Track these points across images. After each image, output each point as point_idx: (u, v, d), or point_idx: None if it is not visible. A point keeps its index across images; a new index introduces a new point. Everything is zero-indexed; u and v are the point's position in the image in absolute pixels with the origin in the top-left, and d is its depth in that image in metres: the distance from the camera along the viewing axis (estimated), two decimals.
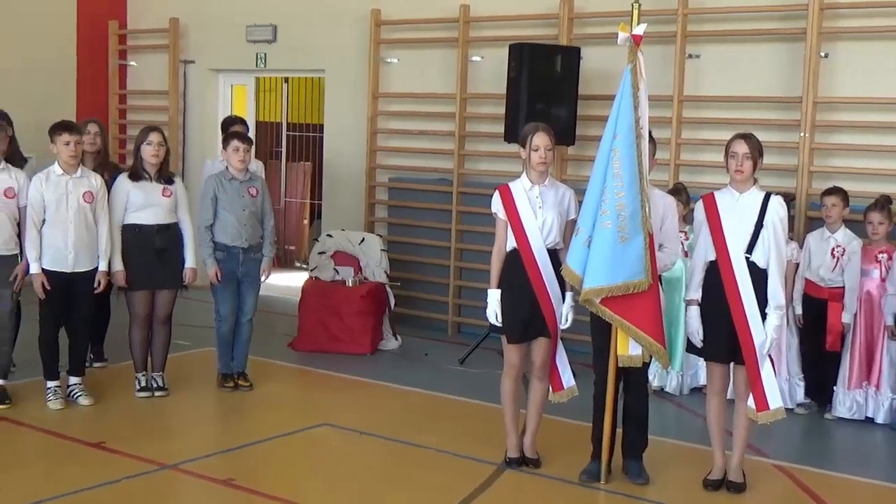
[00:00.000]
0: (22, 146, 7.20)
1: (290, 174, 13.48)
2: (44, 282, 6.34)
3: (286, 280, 11.03)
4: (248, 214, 6.90)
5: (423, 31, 9.70)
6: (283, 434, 6.27)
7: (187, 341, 8.12)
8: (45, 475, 5.45)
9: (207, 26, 11.16)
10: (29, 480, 5.34)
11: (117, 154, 10.89)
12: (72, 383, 6.63)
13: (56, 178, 6.40)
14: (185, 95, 11.39)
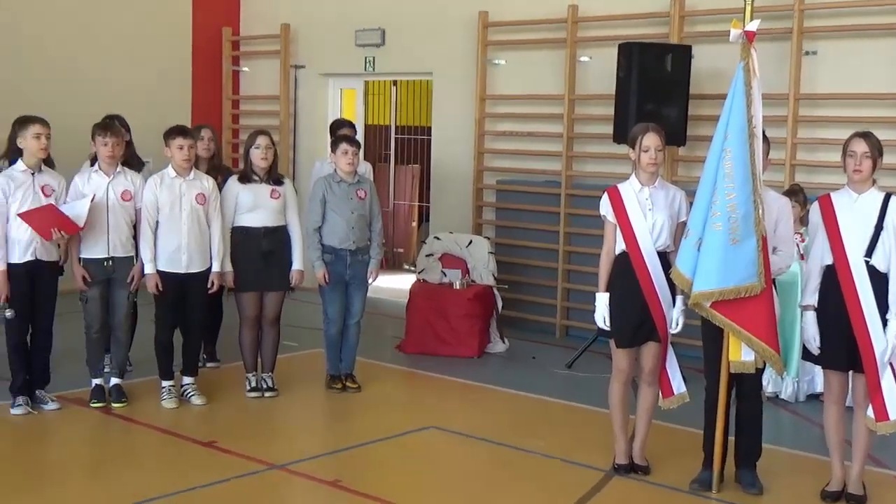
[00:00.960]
0: (140, 150, 7.38)
1: (398, 177, 13.57)
2: (158, 283, 6.49)
3: (394, 282, 11.09)
4: (356, 217, 6.94)
5: (530, 33, 9.64)
6: (390, 436, 6.29)
7: (296, 342, 8.22)
8: (159, 472, 5.57)
9: (317, 31, 11.30)
10: (144, 477, 5.46)
11: (230, 158, 11.10)
12: (185, 383, 6.76)
13: (170, 180, 6.54)
14: (296, 100, 11.55)
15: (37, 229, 6.22)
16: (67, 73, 10.55)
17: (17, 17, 10.30)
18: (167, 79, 11.47)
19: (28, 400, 6.40)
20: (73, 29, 10.69)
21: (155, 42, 11.38)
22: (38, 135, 6.28)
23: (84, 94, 10.31)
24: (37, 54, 10.37)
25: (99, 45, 10.89)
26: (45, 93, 9.80)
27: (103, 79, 10.75)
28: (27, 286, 6.30)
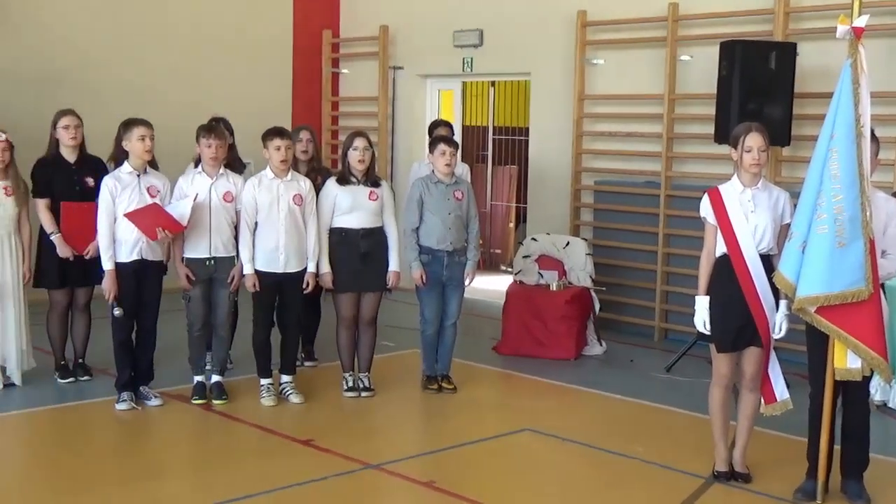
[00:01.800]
0: (242, 152, 7.50)
1: (495, 178, 13.55)
2: (256, 282, 6.58)
3: (491, 283, 11.06)
4: (453, 218, 6.94)
5: (630, 32, 9.52)
6: (486, 438, 6.27)
7: (393, 343, 8.26)
8: (257, 469, 5.64)
9: (416, 33, 11.35)
10: (243, 473, 5.54)
11: (330, 159, 11.23)
12: (283, 381, 6.85)
13: (268, 181, 6.63)
14: (394, 101, 11.61)
15: (142, 229, 6.37)
16: (172, 77, 10.79)
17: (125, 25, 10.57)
18: (269, 81, 11.66)
19: (132, 396, 6.55)
20: (178, 33, 10.94)
21: (257, 45, 11.57)
22: (142, 137, 6.43)
23: (188, 96, 10.54)
24: (144, 59, 10.63)
25: (203, 48, 11.12)
26: (151, 95, 10.03)
27: (207, 82, 10.98)
28: (133, 285, 6.46)
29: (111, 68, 10.35)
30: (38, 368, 7.09)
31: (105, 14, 10.41)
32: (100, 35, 10.35)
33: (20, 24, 9.83)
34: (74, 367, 7.17)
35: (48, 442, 6.17)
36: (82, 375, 7.14)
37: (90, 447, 6.07)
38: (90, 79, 10.07)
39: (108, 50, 10.39)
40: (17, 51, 9.75)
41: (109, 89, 10.04)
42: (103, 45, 10.36)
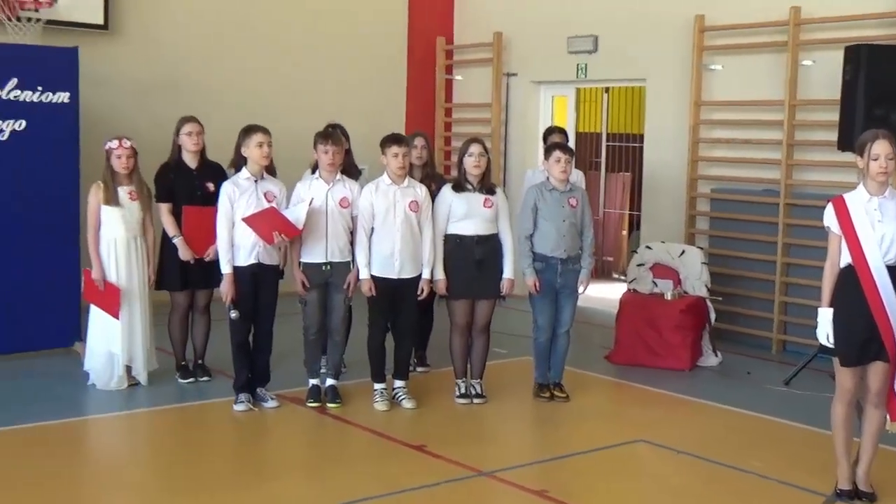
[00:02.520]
0: (357, 158, 7.58)
1: (609, 185, 13.43)
2: (371, 287, 6.64)
3: (603, 291, 10.96)
4: (567, 225, 6.89)
5: (749, 36, 9.33)
6: (598, 448, 6.20)
7: (505, 350, 8.24)
8: (370, 473, 5.68)
9: (529, 39, 11.32)
10: (356, 477, 5.59)
11: (442, 166, 11.28)
12: (396, 386, 6.89)
13: (385, 187, 6.68)
14: (507, 107, 11.61)
15: (259, 233, 6.49)
16: (289, 84, 10.99)
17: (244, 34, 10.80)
18: (383, 88, 11.79)
19: (250, 397, 6.68)
20: (297, 42, 11.13)
21: (373, 53, 11.71)
22: (260, 143, 6.56)
23: (305, 103, 10.71)
24: (262, 67, 10.85)
25: (320, 56, 11.30)
26: (269, 103, 10.23)
27: (324, 89, 11.15)
28: (251, 288, 6.58)
29: (230, 76, 10.59)
30: (160, 369, 7.28)
31: (224, 23, 10.65)
32: (219, 44, 10.60)
33: (142, 34, 10.12)
34: (194, 367, 7.34)
35: (170, 440, 6.33)
36: (202, 376, 7.31)
37: (209, 446, 6.21)
38: (210, 87, 10.32)
39: (227, 58, 10.63)
40: (138, 60, 10.05)
41: (228, 97, 10.28)
42: (223, 53, 10.61)
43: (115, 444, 6.38)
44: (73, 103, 7.77)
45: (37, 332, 7.73)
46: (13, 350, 7.70)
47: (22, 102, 7.54)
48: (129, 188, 6.98)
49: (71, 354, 7.77)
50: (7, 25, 8.73)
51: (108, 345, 6.98)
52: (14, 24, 8.73)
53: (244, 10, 10.79)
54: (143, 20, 10.13)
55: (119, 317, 6.91)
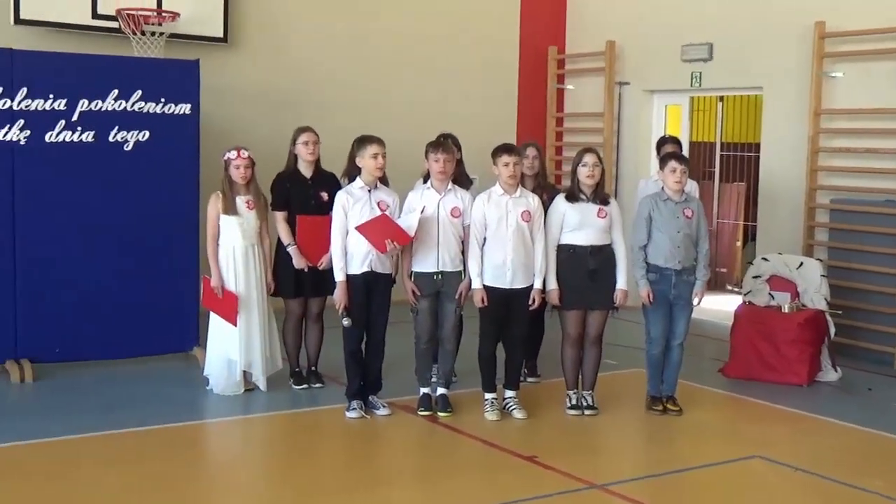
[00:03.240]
0: (468, 168, 7.59)
1: (723, 195, 13.19)
2: (483, 297, 6.65)
3: (717, 303, 10.76)
4: (682, 236, 6.79)
5: (871, 43, 9.06)
6: (712, 464, 6.08)
7: (616, 361, 8.15)
8: (481, 483, 5.68)
9: (643, 48, 11.21)
10: (466, 486, 5.59)
11: (554, 175, 11.24)
12: (507, 396, 6.87)
13: (497, 197, 6.68)
14: (620, 117, 11.51)
15: (372, 241, 6.55)
16: (401, 95, 11.09)
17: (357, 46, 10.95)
18: (495, 97, 11.81)
19: (362, 404, 6.74)
20: (409, 53, 11.23)
21: (484, 62, 11.73)
22: (375, 154, 6.63)
23: (417, 113, 10.80)
24: (374, 78, 10.98)
25: (431, 65, 11.38)
26: (381, 113, 10.34)
27: (435, 99, 11.23)
28: (363, 297, 6.65)
29: (344, 86, 10.74)
30: (274, 374, 7.40)
31: (339, 34, 10.81)
32: (334, 55, 10.76)
33: (259, 46, 10.35)
34: (308, 374, 7.45)
35: (284, 445, 6.44)
36: (315, 383, 7.41)
37: (322, 452, 6.29)
38: (324, 97, 10.49)
39: (341, 69, 10.79)
40: (256, 72, 10.27)
41: (342, 106, 10.42)
42: (337, 64, 10.77)
43: (231, 447, 6.52)
44: (193, 114, 7.97)
45: (157, 338, 7.95)
46: (135, 354, 7.94)
47: (146, 114, 7.77)
48: (246, 197, 7.12)
49: (189, 359, 7.96)
50: (132, 39, 9.02)
51: (227, 351, 7.13)
52: (139, 39, 9.02)
53: (358, 21, 10.94)
54: (260, 33, 10.36)
55: (237, 323, 7.06)
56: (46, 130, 7.45)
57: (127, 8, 9.03)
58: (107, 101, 7.62)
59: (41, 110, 7.42)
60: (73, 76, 7.57)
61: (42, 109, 7.42)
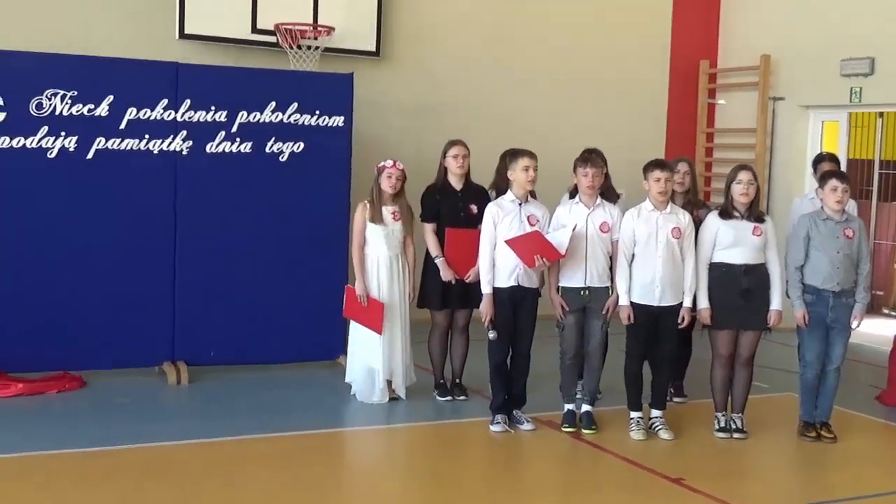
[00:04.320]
0: (614, 182, 7.52)
1: (880, 215, 12.68)
2: (630, 314, 6.56)
3: (873, 327, 10.34)
4: (841, 257, 6.56)
5: None
6: (868, 495, 5.82)
7: (767, 384, 7.92)
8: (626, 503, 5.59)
9: (798, 62, 10.91)
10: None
11: (703, 192, 11.01)
12: (653, 416, 6.76)
13: (647, 213, 6.60)
14: (773, 133, 11.21)
15: (521, 256, 6.55)
16: (550, 107, 11.07)
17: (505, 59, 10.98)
18: (643, 111, 11.68)
19: (506, 419, 6.72)
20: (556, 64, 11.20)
21: (634, 76, 11.62)
22: (526, 167, 6.62)
23: (563, 127, 10.76)
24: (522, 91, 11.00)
25: (580, 78, 11.33)
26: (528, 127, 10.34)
27: (583, 112, 11.17)
28: (509, 310, 6.65)
29: (493, 100, 10.80)
30: (417, 385, 7.47)
31: (489, 48, 10.88)
32: (483, 68, 10.83)
33: (411, 60, 10.50)
34: (452, 386, 7.48)
35: (426, 456, 6.47)
36: (459, 395, 7.44)
37: (464, 465, 6.31)
38: (473, 110, 10.56)
39: (490, 82, 10.85)
40: (407, 85, 10.42)
41: (488, 120, 10.46)
42: (486, 78, 10.84)
43: (377, 456, 6.59)
44: (346, 127, 8.14)
45: (306, 344, 8.15)
46: (284, 360, 8.14)
47: (301, 126, 7.97)
48: (393, 208, 7.21)
49: (336, 367, 8.10)
50: (289, 53, 9.28)
51: (369, 360, 7.23)
52: (295, 52, 9.27)
53: (508, 35, 10.98)
54: (412, 47, 10.50)
55: (381, 332, 7.15)
56: (207, 141, 7.74)
57: (285, 23, 9.31)
58: (265, 114, 7.87)
59: (203, 122, 7.71)
60: (234, 89, 7.84)
61: (204, 121, 7.71)
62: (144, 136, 7.57)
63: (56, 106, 7.33)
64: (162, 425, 6.60)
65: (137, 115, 7.54)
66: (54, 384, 7.29)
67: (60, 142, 7.37)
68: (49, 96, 7.31)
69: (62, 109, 7.35)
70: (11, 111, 7.22)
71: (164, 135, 7.62)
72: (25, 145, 7.29)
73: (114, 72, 7.57)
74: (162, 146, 7.63)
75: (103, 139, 7.47)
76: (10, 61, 7.27)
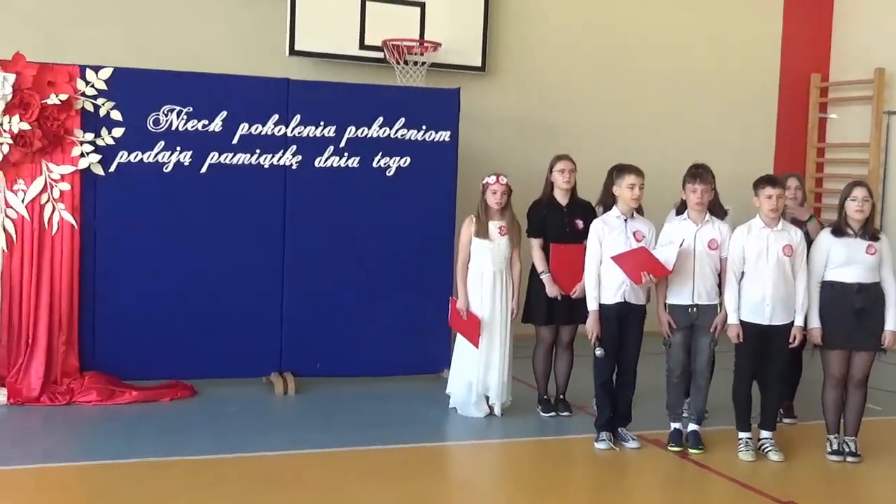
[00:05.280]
0: (722, 197, 7.40)
1: None
2: (739, 332, 6.46)
3: None
4: None
5: None
6: None
7: (881, 406, 7.71)
8: None
9: None
10: None
11: (812, 208, 10.77)
12: (763, 437, 6.62)
13: (757, 230, 6.49)
14: (888, 148, 10.92)
15: (628, 272, 6.50)
16: (657, 121, 10.98)
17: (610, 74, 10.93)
18: (750, 125, 11.49)
19: (611, 436, 6.67)
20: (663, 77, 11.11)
21: (742, 90, 11.45)
22: (632, 184, 6.58)
23: (670, 142, 10.66)
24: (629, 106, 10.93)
25: (687, 91, 11.21)
26: (634, 141, 10.27)
27: (689, 126, 11.05)
28: (615, 327, 6.60)
29: (599, 114, 10.76)
30: (521, 400, 7.46)
31: (595, 62, 10.85)
32: (589, 82, 10.80)
33: (516, 75, 10.52)
34: (556, 402, 7.45)
35: (529, 472, 6.43)
36: (563, 411, 7.40)
37: (568, 482, 6.27)
38: (579, 124, 10.54)
39: (596, 96, 10.81)
40: (512, 100, 10.46)
41: (594, 135, 10.43)
42: (592, 92, 10.80)
43: (481, 471, 6.58)
44: (452, 141, 8.20)
45: (411, 357, 8.21)
46: (389, 373, 8.22)
47: (408, 141, 8.06)
48: (499, 223, 7.23)
49: (440, 381, 8.12)
50: (396, 69, 9.39)
51: (467, 373, 7.25)
52: (402, 68, 9.37)
53: (614, 49, 10.92)
54: (517, 62, 10.52)
55: (478, 346, 7.16)
56: (316, 156, 7.87)
57: (392, 39, 9.42)
58: (372, 128, 7.97)
59: (312, 137, 7.85)
60: (343, 104, 7.96)
61: (313, 136, 7.85)
62: (256, 151, 7.74)
63: (172, 121, 7.55)
64: (271, 435, 6.72)
65: (249, 130, 7.71)
66: (167, 392, 7.49)
67: (176, 156, 7.58)
68: (166, 112, 7.54)
69: (178, 125, 7.56)
70: (130, 126, 7.45)
71: (275, 149, 7.78)
72: (143, 160, 7.51)
73: (227, 88, 7.76)
74: (272, 160, 7.78)
75: (216, 154, 7.66)
76: (130, 78, 7.49)
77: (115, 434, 6.56)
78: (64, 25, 9.10)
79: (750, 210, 6.61)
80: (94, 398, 7.23)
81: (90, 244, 7.46)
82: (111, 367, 7.50)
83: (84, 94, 7.32)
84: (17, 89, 7.14)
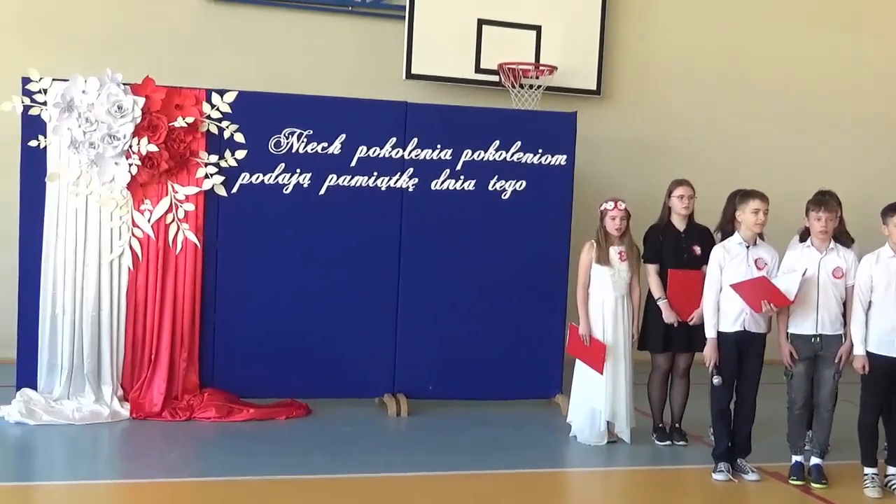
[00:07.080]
0: (848, 226, 7.20)
1: None
2: (865, 364, 6.26)
3: None
4: None
5: None
6: None
7: None
8: None
9: None
10: None
11: None
12: (889, 473, 6.39)
13: (886, 259, 6.28)
14: None
15: (748, 301, 6.37)
16: (778, 146, 10.77)
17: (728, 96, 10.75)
18: (878, 152, 11.15)
19: (729, 467, 6.52)
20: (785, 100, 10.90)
21: (869, 114, 11.13)
22: (756, 210, 6.45)
23: (790, 166, 10.43)
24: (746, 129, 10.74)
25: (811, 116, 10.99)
26: (757, 165, 10.08)
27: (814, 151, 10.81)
28: (734, 355, 6.47)
29: (718, 138, 10.62)
30: (636, 428, 7.32)
31: (714, 85, 10.71)
32: (708, 106, 10.66)
33: (632, 98, 10.46)
34: (671, 430, 7.32)
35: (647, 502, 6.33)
36: (678, 440, 7.27)
37: None
38: (698, 148, 10.42)
39: (715, 120, 10.67)
40: (628, 124, 10.38)
41: (713, 160, 10.29)
42: (711, 115, 10.66)
43: (593, 499, 6.51)
44: (568, 165, 8.15)
45: (523, 382, 8.15)
46: (501, 397, 8.18)
47: (524, 164, 8.05)
48: (619, 248, 7.15)
49: (552, 406, 8.09)
50: (511, 92, 9.40)
51: (591, 400, 7.17)
52: (517, 91, 9.38)
53: (734, 71, 10.76)
54: (633, 85, 10.45)
55: (603, 372, 7.08)
56: (432, 178, 7.92)
57: (508, 62, 9.44)
58: (488, 152, 7.98)
59: (429, 159, 7.90)
60: (459, 127, 8.00)
61: (430, 159, 7.90)
62: (373, 174, 7.82)
63: (293, 144, 7.68)
64: (385, 456, 6.75)
65: (367, 153, 7.80)
66: (283, 411, 7.60)
67: (296, 178, 7.71)
68: (287, 135, 7.68)
69: (298, 147, 7.69)
70: (252, 149, 7.61)
71: (392, 172, 7.85)
72: (264, 181, 7.66)
73: (346, 111, 7.87)
74: (389, 183, 7.86)
75: (335, 176, 7.77)
76: (253, 102, 7.66)
77: (234, 451, 6.68)
78: (191, 51, 9.37)
79: (877, 238, 6.40)
80: (213, 415, 7.37)
81: (212, 263, 7.63)
82: (229, 385, 7.65)
83: (209, 116, 7.52)
84: (146, 112, 7.37)
